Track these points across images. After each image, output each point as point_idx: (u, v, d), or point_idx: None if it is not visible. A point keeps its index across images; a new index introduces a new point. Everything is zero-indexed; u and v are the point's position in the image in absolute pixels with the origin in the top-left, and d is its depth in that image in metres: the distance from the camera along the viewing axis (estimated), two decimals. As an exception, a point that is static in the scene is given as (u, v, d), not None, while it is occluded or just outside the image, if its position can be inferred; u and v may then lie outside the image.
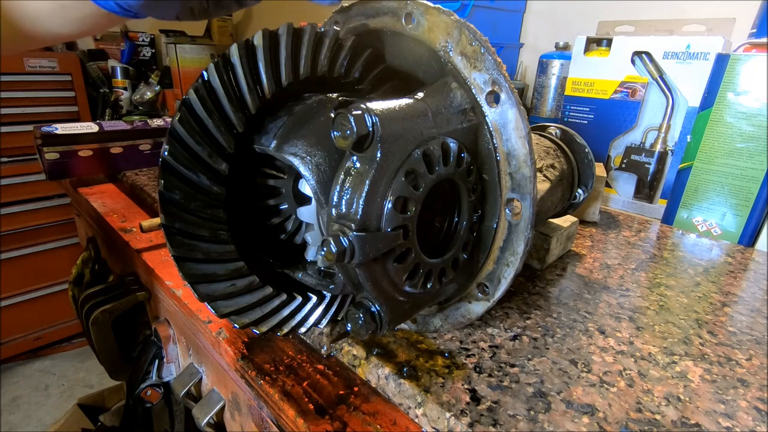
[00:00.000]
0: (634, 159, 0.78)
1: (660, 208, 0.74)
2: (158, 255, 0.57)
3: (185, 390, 0.51)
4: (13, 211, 1.51)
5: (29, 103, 1.45)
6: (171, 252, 0.30)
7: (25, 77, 1.42)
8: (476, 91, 0.30)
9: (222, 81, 0.28)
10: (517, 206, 0.31)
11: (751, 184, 0.62)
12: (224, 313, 0.32)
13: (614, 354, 0.37)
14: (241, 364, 0.38)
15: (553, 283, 0.48)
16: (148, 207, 0.73)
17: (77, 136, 0.76)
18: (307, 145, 0.29)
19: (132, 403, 0.58)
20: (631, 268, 0.53)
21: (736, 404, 0.32)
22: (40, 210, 1.58)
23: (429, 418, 0.31)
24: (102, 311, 0.59)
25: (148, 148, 0.83)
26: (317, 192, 0.29)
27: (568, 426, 0.29)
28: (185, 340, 0.54)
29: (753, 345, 0.39)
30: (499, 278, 0.34)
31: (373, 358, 0.35)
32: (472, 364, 0.35)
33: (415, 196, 0.28)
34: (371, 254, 0.26)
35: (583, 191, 0.52)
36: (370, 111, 0.25)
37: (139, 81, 1.65)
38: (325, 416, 0.32)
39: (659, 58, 0.71)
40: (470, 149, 0.31)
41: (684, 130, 0.71)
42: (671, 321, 0.42)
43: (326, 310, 0.36)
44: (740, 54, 0.61)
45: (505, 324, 0.40)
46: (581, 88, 0.81)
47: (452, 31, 0.30)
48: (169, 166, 0.29)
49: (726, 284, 0.51)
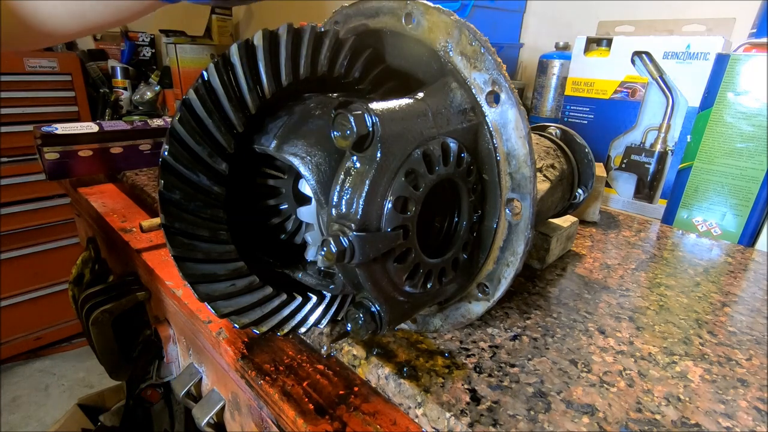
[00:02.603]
0: (634, 159, 0.78)
1: (660, 208, 0.74)
2: (158, 255, 0.57)
3: (185, 390, 0.51)
4: (13, 211, 1.52)
5: (29, 103, 1.45)
6: (171, 252, 0.30)
7: (25, 77, 1.42)
8: (476, 91, 0.30)
9: (222, 81, 0.28)
10: (517, 206, 0.31)
11: (751, 184, 0.62)
12: (224, 313, 0.32)
13: (614, 354, 0.37)
14: (241, 364, 0.38)
15: (553, 283, 0.48)
16: (148, 207, 0.73)
17: (77, 136, 0.76)
18: (307, 145, 0.29)
19: (132, 403, 0.58)
20: (631, 268, 0.53)
21: (736, 404, 0.32)
22: (40, 210, 1.58)
23: (429, 418, 0.31)
24: (102, 311, 0.59)
25: (148, 148, 0.83)
26: (317, 192, 0.29)
27: (568, 426, 0.29)
28: (185, 340, 0.54)
29: (753, 345, 0.39)
30: (499, 278, 0.34)
31: (373, 358, 0.35)
32: (472, 364, 0.35)
33: (415, 196, 0.28)
34: (371, 254, 0.26)
35: (583, 191, 0.52)
36: (370, 111, 0.25)
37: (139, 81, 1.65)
38: (325, 416, 0.32)
39: (659, 58, 0.71)
40: (470, 149, 0.31)
41: (684, 130, 0.71)
42: (671, 321, 0.42)
43: (326, 310, 0.36)
44: (740, 54, 0.61)
45: (505, 324, 0.40)
46: (581, 88, 0.81)
47: (452, 31, 0.30)
48: (169, 166, 0.29)
49: (726, 284, 0.51)
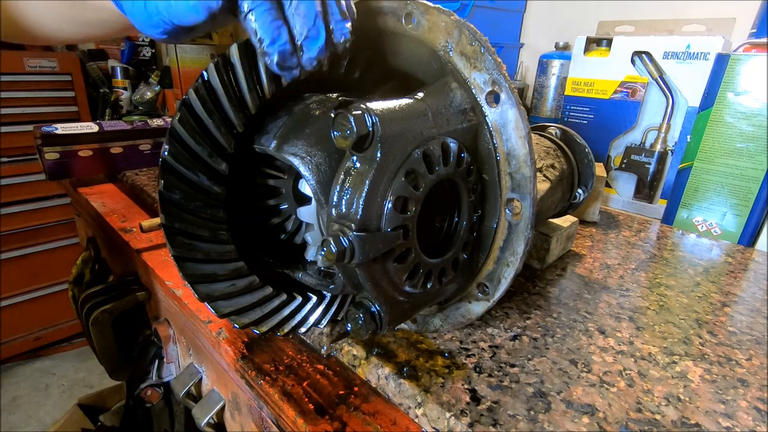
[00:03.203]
0: (634, 159, 0.78)
1: (660, 208, 0.74)
2: (158, 255, 0.57)
3: (185, 390, 0.51)
4: (13, 211, 1.51)
5: (29, 103, 1.45)
6: (171, 252, 0.30)
7: (25, 77, 1.42)
8: (476, 91, 0.30)
9: (222, 81, 0.28)
10: (517, 206, 0.31)
11: (751, 184, 0.62)
12: (224, 313, 0.32)
13: (614, 354, 0.37)
14: (241, 364, 0.38)
15: (553, 283, 0.48)
16: (148, 207, 0.73)
17: (77, 136, 0.76)
18: (307, 145, 0.29)
19: (132, 403, 0.58)
20: (631, 268, 0.53)
21: (736, 404, 0.32)
22: (40, 210, 1.58)
23: (429, 418, 0.31)
24: (102, 311, 0.59)
25: (148, 148, 0.83)
26: (317, 192, 0.29)
27: (568, 426, 0.29)
28: (185, 340, 0.54)
29: (753, 345, 0.39)
30: (499, 278, 0.33)
31: (373, 358, 0.35)
32: (472, 364, 0.35)
33: (415, 196, 0.28)
34: (371, 254, 0.26)
35: (583, 191, 0.52)
36: (370, 111, 0.25)
37: (139, 81, 1.65)
38: (325, 416, 0.32)
39: (659, 58, 0.71)
40: (470, 149, 0.31)
41: (684, 130, 0.71)
42: (671, 321, 0.42)
43: (326, 310, 0.36)
44: (740, 54, 0.61)
45: (505, 324, 0.40)
46: (581, 88, 0.81)
47: (452, 31, 0.30)
48: (169, 166, 0.29)
49: (726, 284, 0.51)
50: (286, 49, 0.27)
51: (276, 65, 0.27)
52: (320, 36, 0.27)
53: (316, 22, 0.27)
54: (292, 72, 0.28)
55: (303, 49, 0.27)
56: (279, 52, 0.27)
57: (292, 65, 0.28)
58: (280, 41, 0.26)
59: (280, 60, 0.27)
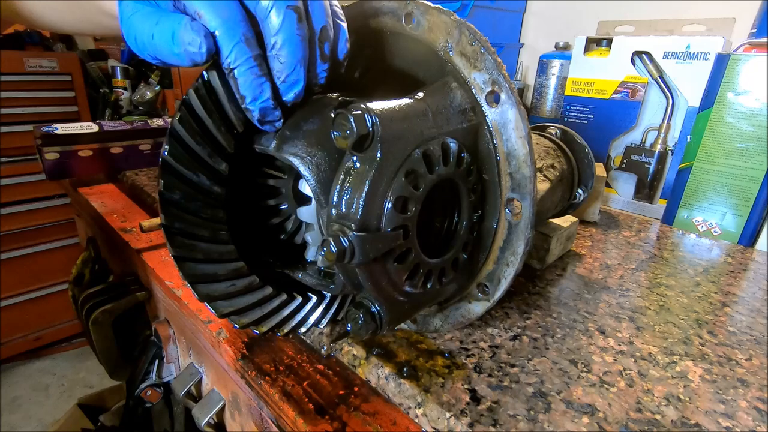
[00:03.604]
0: (634, 159, 0.78)
1: (660, 208, 0.74)
2: (158, 255, 0.57)
3: (185, 390, 0.51)
4: (13, 211, 1.51)
5: (29, 103, 1.45)
6: (171, 252, 0.30)
7: (25, 77, 1.42)
8: (476, 91, 0.30)
9: (222, 81, 0.28)
10: (517, 206, 0.31)
11: (751, 184, 0.62)
12: (224, 313, 0.32)
13: (614, 354, 0.37)
14: (241, 364, 0.38)
15: (553, 283, 0.48)
16: (148, 207, 0.73)
17: (77, 136, 0.76)
18: (307, 145, 0.29)
19: (132, 403, 0.58)
20: (631, 268, 0.53)
21: (736, 404, 0.32)
22: (40, 210, 1.58)
23: (429, 418, 0.31)
24: (102, 311, 0.59)
25: (148, 148, 0.83)
26: (317, 192, 0.29)
27: (568, 426, 0.29)
28: (185, 340, 0.54)
29: (753, 345, 0.39)
30: (499, 278, 0.33)
31: (373, 358, 0.35)
32: (472, 364, 0.35)
33: (415, 196, 0.28)
34: (371, 254, 0.26)
35: (583, 191, 0.52)
36: (370, 111, 0.25)
37: (139, 81, 1.65)
38: (325, 416, 0.32)
39: (659, 58, 0.71)
40: (470, 149, 0.31)
41: (684, 130, 0.71)
42: (671, 321, 0.42)
43: (326, 310, 0.36)
44: (740, 54, 0.61)
45: (505, 324, 0.40)
46: (581, 88, 0.81)
47: (452, 31, 0.30)
48: (169, 166, 0.29)
49: (726, 284, 0.51)
50: (268, 106, 0.28)
51: (257, 121, 0.28)
52: (299, 82, 0.28)
53: (296, 68, 0.27)
54: (274, 125, 0.29)
55: (280, 90, 0.28)
56: (260, 109, 0.28)
57: (273, 119, 0.29)
58: (261, 98, 0.27)
59: (260, 117, 0.28)
